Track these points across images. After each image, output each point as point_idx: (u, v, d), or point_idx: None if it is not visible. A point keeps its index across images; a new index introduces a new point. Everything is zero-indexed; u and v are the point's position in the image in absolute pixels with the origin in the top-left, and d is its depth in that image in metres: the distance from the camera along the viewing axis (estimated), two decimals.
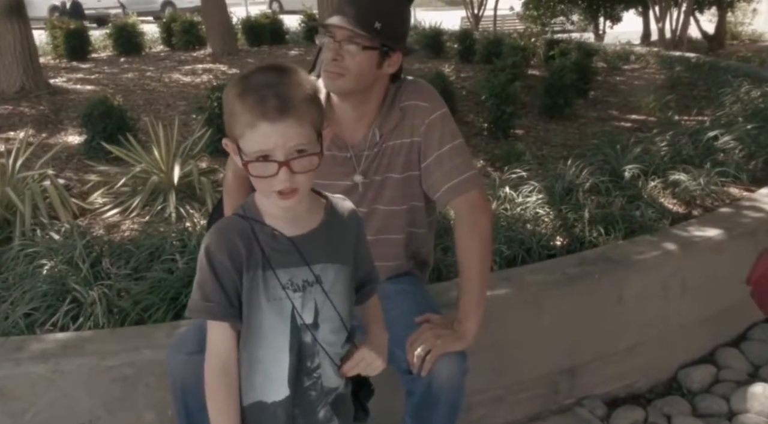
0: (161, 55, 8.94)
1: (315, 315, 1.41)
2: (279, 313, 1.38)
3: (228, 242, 1.35)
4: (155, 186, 3.61)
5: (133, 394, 2.12)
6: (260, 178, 1.29)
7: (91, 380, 2.11)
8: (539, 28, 14.81)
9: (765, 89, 5.85)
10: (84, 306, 2.42)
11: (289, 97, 1.27)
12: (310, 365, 1.43)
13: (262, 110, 1.25)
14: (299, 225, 1.40)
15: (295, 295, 1.38)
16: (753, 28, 18.81)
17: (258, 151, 1.27)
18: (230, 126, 1.31)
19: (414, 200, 2.06)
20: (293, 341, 1.39)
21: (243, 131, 1.28)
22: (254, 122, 1.26)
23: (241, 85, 1.29)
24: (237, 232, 1.36)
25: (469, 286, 1.92)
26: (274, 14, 11.27)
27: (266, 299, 1.37)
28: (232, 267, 1.34)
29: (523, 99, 5.96)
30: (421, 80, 2.08)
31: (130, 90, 6.40)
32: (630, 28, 17.14)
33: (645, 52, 9.85)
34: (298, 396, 1.42)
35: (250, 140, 1.27)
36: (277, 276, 1.36)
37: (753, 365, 3.02)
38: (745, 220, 3.18)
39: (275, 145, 1.26)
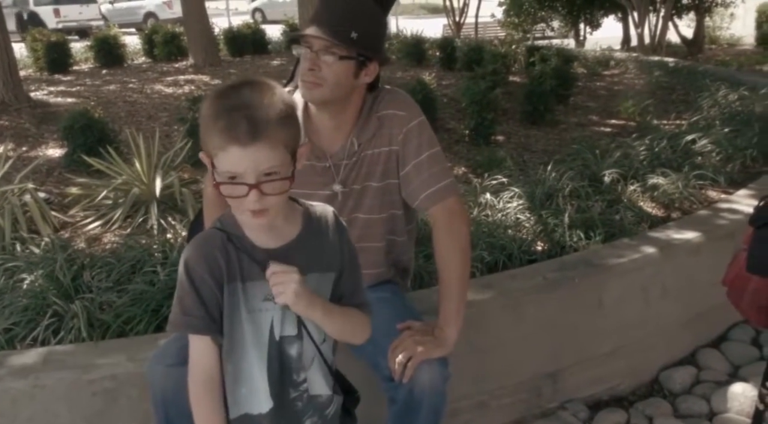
0: (143, 67, 8.91)
1: (298, 326, 1.41)
2: (258, 325, 1.38)
3: (207, 255, 1.35)
4: (137, 198, 3.60)
5: (115, 407, 2.11)
6: (231, 198, 1.30)
7: (71, 394, 2.10)
8: (520, 35, 14.91)
9: (742, 93, 5.92)
10: (65, 320, 2.41)
11: (260, 120, 1.26)
12: (296, 378, 1.44)
13: (233, 134, 1.24)
14: (278, 236, 1.40)
15: (275, 307, 1.38)
16: (731, 33, 19.01)
17: (229, 173, 1.27)
18: (205, 144, 1.31)
19: (393, 208, 2.07)
20: (272, 353, 1.40)
21: (215, 152, 1.28)
22: (225, 145, 1.25)
23: (214, 105, 1.28)
24: (216, 245, 1.36)
25: (448, 292, 1.93)
26: (256, 24, 11.24)
27: (246, 311, 1.37)
28: (212, 280, 1.34)
29: (503, 105, 6.00)
30: (398, 89, 2.09)
31: (112, 102, 6.37)
32: (610, 33, 17.29)
33: (624, 57, 9.94)
34: (284, 408, 1.42)
35: (222, 162, 1.27)
36: (256, 288, 1.37)
37: (733, 365, 3.05)
38: (722, 222, 3.21)
39: (246, 169, 1.26)
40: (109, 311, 2.47)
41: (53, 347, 2.30)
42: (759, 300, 1.70)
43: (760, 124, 4.71)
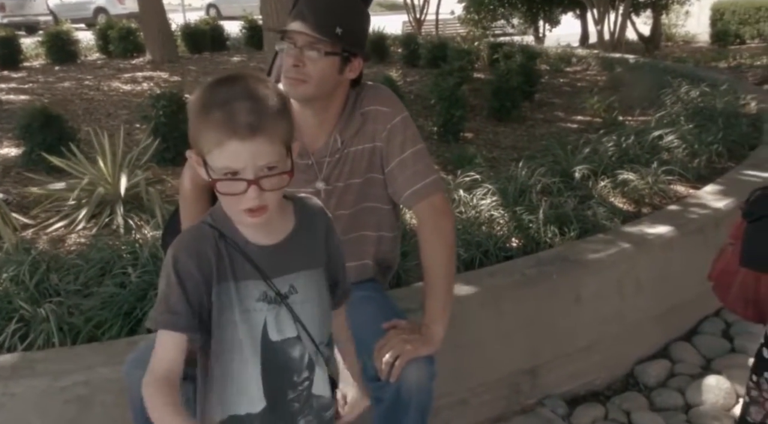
0: (98, 63, 8.71)
1: (297, 326, 1.37)
2: (251, 325, 1.33)
3: (197, 251, 1.29)
4: (101, 198, 3.50)
5: (89, 414, 2.04)
6: (228, 195, 1.24)
7: (43, 402, 2.02)
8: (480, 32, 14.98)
9: (704, 89, 6.02)
10: (32, 325, 2.32)
11: (260, 113, 1.21)
12: (296, 379, 1.39)
13: (232, 128, 1.19)
14: (272, 233, 1.35)
15: (269, 307, 1.33)
16: (686, 30, 19.40)
17: (226, 169, 1.22)
18: (196, 140, 1.24)
19: (378, 202, 2.04)
20: (267, 353, 1.35)
21: (210, 148, 1.22)
22: (222, 140, 1.20)
23: (208, 98, 1.23)
24: (207, 241, 1.30)
25: (434, 290, 1.91)
26: (213, 20, 11.10)
27: (239, 311, 1.32)
28: (201, 278, 1.28)
29: (470, 102, 6.01)
30: (380, 85, 2.06)
31: (68, 99, 6.21)
32: (568, 30, 17.50)
33: (586, 54, 10.06)
34: (278, 408, 1.38)
35: (218, 158, 1.21)
36: (249, 288, 1.32)
37: (705, 358, 3.09)
38: (693, 216, 3.25)
39: (245, 164, 1.21)
40: (79, 315, 2.39)
41: (22, 353, 2.21)
42: (746, 294, 1.72)
43: (723, 119, 4.79)
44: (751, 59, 11.60)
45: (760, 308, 1.70)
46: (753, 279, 1.67)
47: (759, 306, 1.70)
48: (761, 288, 1.67)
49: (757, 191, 1.59)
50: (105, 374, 2.03)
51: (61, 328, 2.32)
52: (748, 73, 10.20)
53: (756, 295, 1.69)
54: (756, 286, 1.67)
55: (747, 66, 11.03)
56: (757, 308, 1.71)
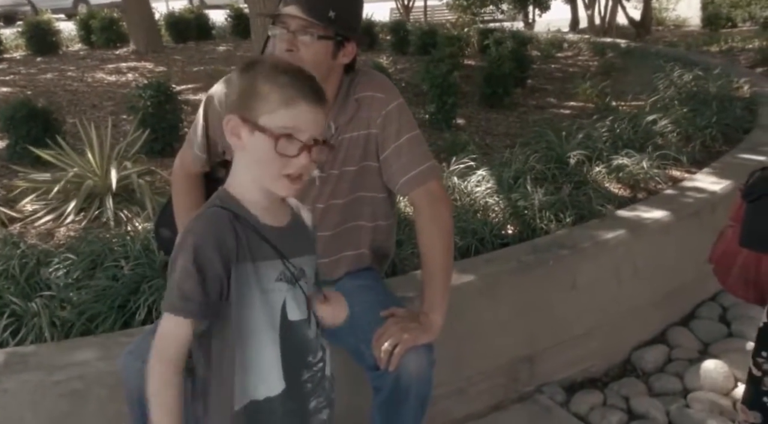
0: (81, 54, 8.59)
1: (308, 307, 1.40)
2: (271, 306, 1.34)
3: (217, 237, 1.27)
4: (90, 190, 3.44)
5: (84, 409, 2.01)
6: (281, 156, 1.27)
7: (36, 397, 1.98)
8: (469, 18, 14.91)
9: (697, 73, 6.00)
10: (24, 319, 2.28)
11: (319, 87, 1.31)
12: (312, 359, 1.41)
13: (302, 91, 1.27)
14: (276, 217, 1.38)
15: (288, 287, 1.36)
16: (677, 14, 19.36)
17: (288, 128, 1.27)
18: (248, 103, 1.28)
19: (373, 191, 2.01)
20: (285, 333, 1.35)
21: (276, 108, 1.27)
22: (293, 101, 1.27)
23: (267, 65, 1.30)
24: (224, 224, 1.29)
25: (433, 277, 1.89)
26: (198, 9, 10.98)
27: (259, 292, 1.32)
28: (221, 262, 1.27)
29: (462, 89, 5.97)
30: (375, 71, 2.03)
31: (52, 91, 6.13)
32: (558, 15, 17.44)
33: (577, 39, 10.03)
34: (295, 389, 1.38)
35: (283, 116, 1.27)
36: (267, 268, 1.33)
37: (702, 342, 3.08)
38: (688, 200, 3.24)
39: (306, 127, 1.28)
40: (72, 309, 2.35)
41: (14, 348, 2.17)
42: (746, 275, 1.71)
43: (717, 103, 4.78)
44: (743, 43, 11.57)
45: (760, 290, 1.69)
46: (754, 260, 1.66)
47: (760, 287, 1.69)
48: (762, 269, 1.65)
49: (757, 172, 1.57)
50: (100, 368, 2.00)
51: (54, 322, 2.30)
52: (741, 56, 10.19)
53: (757, 276, 1.67)
54: (757, 267, 1.66)
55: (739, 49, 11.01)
56: (757, 289, 1.70)
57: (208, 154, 1.97)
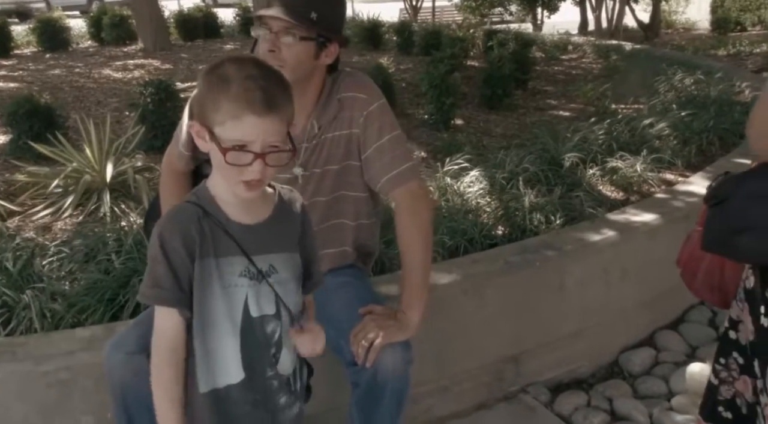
0: (90, 51, 8.65)
1: (276, 304, 1.43)
2: (232, 301, 1.38)
3: (182, 227, 1.34)
4: (88, 185, 3.49)
5: (70, 399, 2.05)
6: (234, 166, 1.29)
7: (24, 386, 2.03)
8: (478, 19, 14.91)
9: (698, 77, 5.99)
10: (15, 310, 2.32)
11: (275, 93, 1.29)
12: (273, 357, 1.45)
13: (249, 102, 1.26)
14: (253, 214, 1.42)
15: (250, 283, 1.39)
16: (686, 17, 19.25)
17: (237, 141, 1.28)
18: (205, 112, 1.30)
19: (356, 191, 2.04)
20: (246, 328, 1.40)
21: (225, 120, 1.28)
22: (239, 113, 1.27)
23: (223, 72, 1.29)
24: (191, 219, 1.36)
25: (411, 276, 1.92)
26: (207, 8, 11.02)
27: (220, 287, 1.37)
28: (185, 253, 1.34)
29: (462, 90, 5.99)
30: (358, 72, 2.06)
31: (58, 87, 6.18)
32: (567, 18, 17.39)
33: (582, 41, 10.00)
34: (258, 382, 1.43)
35: (232, 129, 1.28)
36: (230, 264, 1.37)
37: (690, 346, 3.09)
38: (679, 204, 3.24)
39: (256, 138, 1.28)
40: (62, 301, 2.39)
41: (3, 338, 2.22)
42: (711, 279, 1.72)
43: (715, 107, 4.77)
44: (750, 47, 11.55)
45: (724, 293, 1.70)
46: (718, 264, 1.67)
47: (724, 291, 1.70)
48: (726, 273, 1.67)
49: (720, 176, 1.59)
50: (85, 359, 2.04)
51: (45, 314, 2.33)
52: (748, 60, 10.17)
53: (721, 280, 1.68)
54: (721, 271, 1.67)
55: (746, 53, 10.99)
56: (722, 293, 1.71)
57: (193, 152, 2.00)
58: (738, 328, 1.63)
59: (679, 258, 1.78)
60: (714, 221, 1.50)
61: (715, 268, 1.67)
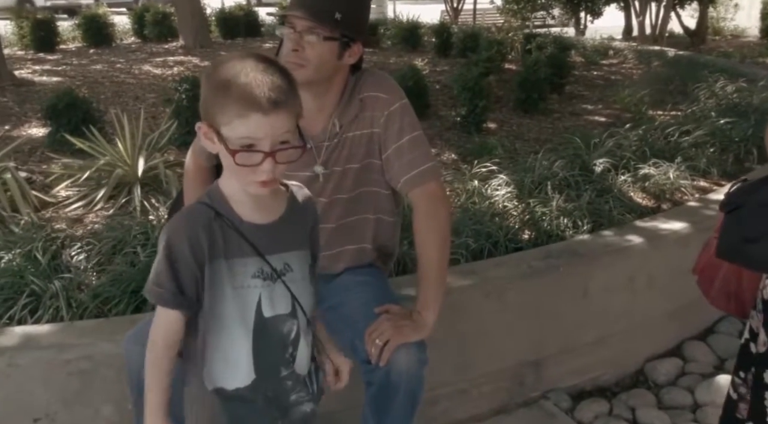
0: (132, 47, 8.79)
1: (292, 303, 1.43)
2: (244, 302, 1.38)
3: (190, 231, 1.34)
4: (120, 179, 3.55)
5: (91, 388, 2.09)
6: (244, 167, 1.28)
7: (47, 373, 2.07)
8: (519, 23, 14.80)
9: (741, 85, 5.86)
10: (43, 299, 2.38)
11: (280, 89, 1.27)
12: (288, 356, 1.45)
13: (255, 101, 1.25)
14: (266, 213, 1.41)
15: (263, 283, 1.39)
16: (735, 24, 18.80)
17: (245, 140, 1.27)
18: (212, 113, 1.30)
19: (377, 187, 2.04)
20: (259, 329, 1.40)
21: (231, 120, 1.27)
22: (245, 112, 1.25)
23: (228, 72, 1.28)
24: (201, 222, 1.35)
25: (427, 276, 1.91)
26: (249, 6, 11.12)
27: (231, 288, 1.37)
28: (192, 258, 1.33)
29: (497, 93, 5.95)
30: (380, 72, 2.07)
31: (99, 82, 6.29)
32: (612, 23, 17.15)
33: (624, 46, 9.85)
34: (271, 383, 1.43)
35: (239, 129, 1.27)
36: (242, 265, 1.37)
37: (719, 358, 3.03)
38: (711, 213, 3.17)
39: (265, 135, 1.27)
40: (88, 292, 2.44)
41: (29, 326, 2.27)
42: (728, 288, 1.69)
43: (756, 116, 4.67)
44: None
45: (741, 302, 1.67)
46: (735, 272, 1.64)
47: (741, 300, 1.67)
48: (743, 281, 1.64)
49: (737, 183, 1.56)
50: (107, 350, 2.08)
51: (71, 303, 2.38)
52: None
53: (738, 288, 1.66)
54: (738, 279, 1.64)
55: None
56: (739, 302, 1.68)
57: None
58: (758, 341, 1.59)
59: (695, 266, 1.76)
60: (728, 229, 1.48)
61: (732, 276, 1.65)
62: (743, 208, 1.44)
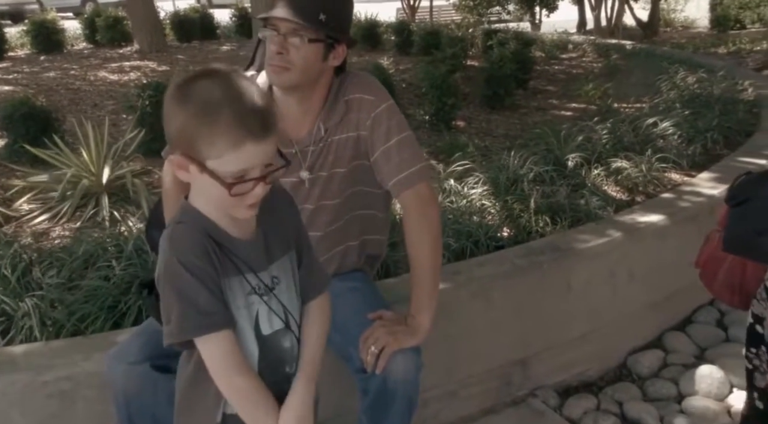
0: (85, 53, 8.57)
1: (285, 316, 1.37)
2: (248, 319, 1.31)
3: (201, 248, 1.24)
4: (86, 190, 3.44)
5: (72, 409, 2.00)
6: (238, 196, 1.21)
7: (25, 397, 1.98)
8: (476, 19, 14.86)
9: (701, 75, 5.96)
10: (14, 319, 2.28)
11: (269, 111, 1.20)
12: (289, 371, 1.39)
13: (249, 130, 1.16)
14: (245, 226, 1.33)
15: (260, 300, 1.32)
16: (685, 15, 19.22)
17: (240, 172, 1.19)
18: (194, 146, 1.18)
19: (369, 186, 2.00)
20: (262, 348, 1.33)
21: (221, 153, 1.17)
22: (238, 143, 1.16)
23: (207, 96, 1.16)
24: (203, 238, 1.25)
25: (420, 280, 1.88)
26: (203, 8, 10.96)
27: (235, 308, 1.29)
28: (212, 268, 1.24)
29: (463, 90, 5.95)
30: (364, 73, 2.03)
31: (53, 90, 6.11)
32: (565, 16, 17.35)
33: (582, 40, 9.96)
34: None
35: (232, 163, 1.18)
36: (239, 283, 1.30)
37: (699, 347, 3.06)
38: (686, 204, 3.21)
39: (258, 162, 1.20)
40: (62, 309, 2.35)
41: (3, 348, 2.17)
42: (732, 280, 1.70)
43: (719, 106, 4.74)
44: (751, 44, 11.53)
45: (746, 295, 1.68)
46: (739, 265, 1.65)
47: (745, 292, 1.68)
48: (747, 274, 1.64)
49: (741, 176, 1.56)
50: (87, 369, 2.00)
51: (44, 322, 2.29)
52: (748, 58, 10.15)
53: (742, 281, 1.67)
54: (742, 272, 1.65)
55: (747, 51, 10.97)
56: (743, 294, 1.69)
57: None
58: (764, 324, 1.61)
59: (697, 260, 1.76)
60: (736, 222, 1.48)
61: (737, 268, 1.65)
62: (751, 201, 1.43)
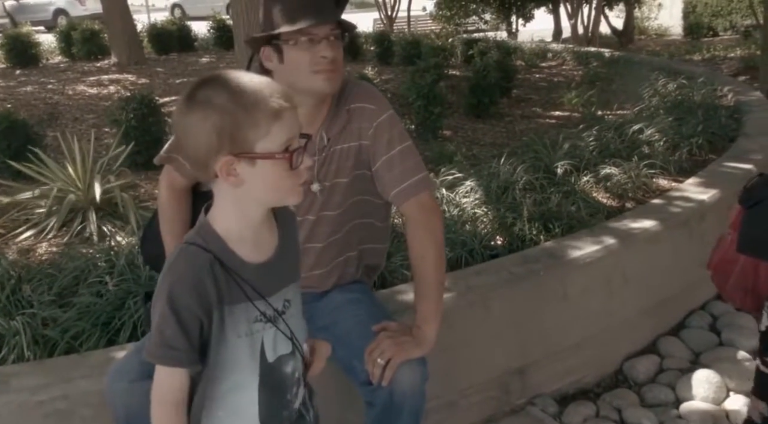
0: (61, 67, 8.46)
1: (292, 341, 1.33)
2: (250, 348, 1.28)
3: (195, 283, 1.20)
4: (73, 205, 3.38)
5: None
6: (295, 170, 1.22)
7: (20, 418, 1.93)
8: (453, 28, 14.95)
9: (681, 82, 6.03)
10: (6, 338, 2.23)
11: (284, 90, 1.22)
12: (290, 397, 1.35)
13: (279, 100, 1.19)
14: (263, 248, 1.30)
15: (266, 326, 1.28)
16: (658, 23, 19.50)
17: (287, 141, 1.21)
18: (240, 136, 1.18)
19: (370, 196, 1.97)
20: (264, 374, 1.30)
21: (268, 129, 1.18)
22: (278, 111, 1.18)
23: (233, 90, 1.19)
24: (203, 269, 1.21)
25: (426, 290, 1.86)
26: (180, 21, 10.89)
27: (237, 334, 1.26)
28: (200, 309, 1.21)
29: (448, 99, 5.96)
30: (364, 82, 2.01)
31: (32, 104, 6.02)
32: (541, 26, 17.51)
33: (561, 49, 10.05)
34: None
35: (278, 133, 1.20)
36: (247, 310, 1.26)
37: (693, 352, 3.07)
38: (677, 210, 3.23)
39: (297, 130, 1.23)
40: (55, 327, 2.30)
41: None
42: (744, 282, 1.70)
43: (702, 112, 4.79)
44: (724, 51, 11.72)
45: (758, 297, 1.68)
46: (752, 267, 1.65)
47: (757, 294, 1.68)
48: (760, 276, 1.64)
49: (755, 178, 1.56)
50: (84, 387, 1.96)
51: (37, 341, 2.24)
52: (723, 64, 10.30)
53: (755, 283, 1.67)
54: (755, 274, 1.65)
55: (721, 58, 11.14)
56: (755, 296, 1.69)
57: None
58: None
59: (709, 262, 1.76)
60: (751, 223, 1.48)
61: (749, 270, 1.65)
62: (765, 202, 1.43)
